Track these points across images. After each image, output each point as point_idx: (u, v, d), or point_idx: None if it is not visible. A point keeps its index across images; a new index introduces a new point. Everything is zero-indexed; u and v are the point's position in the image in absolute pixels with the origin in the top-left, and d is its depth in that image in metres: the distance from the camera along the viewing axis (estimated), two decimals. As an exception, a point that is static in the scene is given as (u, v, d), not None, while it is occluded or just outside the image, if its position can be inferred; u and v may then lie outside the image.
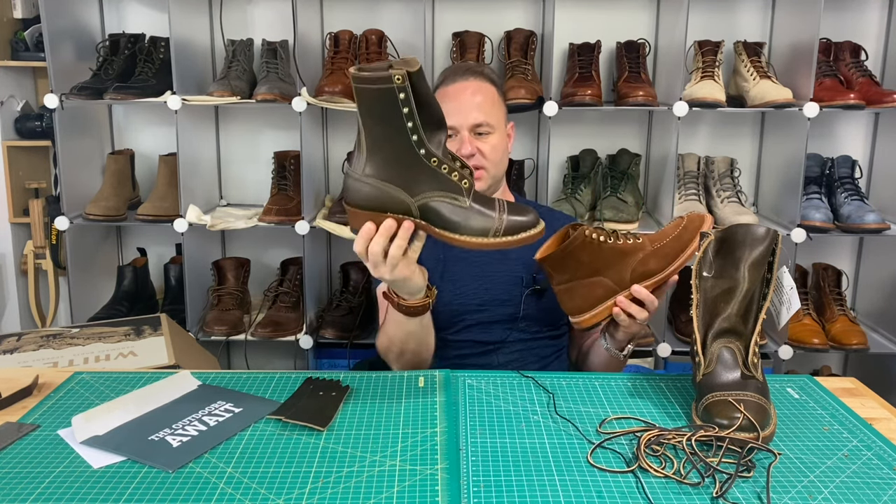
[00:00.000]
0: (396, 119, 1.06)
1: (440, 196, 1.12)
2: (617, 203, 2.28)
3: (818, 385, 1.29)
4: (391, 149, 1.10)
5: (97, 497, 0.93)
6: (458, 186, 1.11)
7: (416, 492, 0.94)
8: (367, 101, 1.07)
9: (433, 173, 1.10)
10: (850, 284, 2.58)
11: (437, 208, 1.12)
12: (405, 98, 1.04)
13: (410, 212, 1.13)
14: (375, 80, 1.04)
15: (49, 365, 1.64)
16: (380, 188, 1.12)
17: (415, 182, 1.11)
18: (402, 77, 1.03)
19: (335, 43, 2.33)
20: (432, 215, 1.13)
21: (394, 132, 1.08)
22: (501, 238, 1.12)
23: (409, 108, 1.05)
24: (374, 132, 1.10)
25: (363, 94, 1.06)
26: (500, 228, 1.12)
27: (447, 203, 1.12)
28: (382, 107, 1.06)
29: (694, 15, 2.29)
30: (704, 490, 0.95)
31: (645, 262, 1.29)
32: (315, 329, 2.38)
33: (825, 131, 2.50)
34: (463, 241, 1.12)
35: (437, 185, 1.11)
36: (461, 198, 1.12)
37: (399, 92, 1.03)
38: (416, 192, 1.12)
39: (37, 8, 2.33)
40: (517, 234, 1.12)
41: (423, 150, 1.09)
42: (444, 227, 1.13)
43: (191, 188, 2.34)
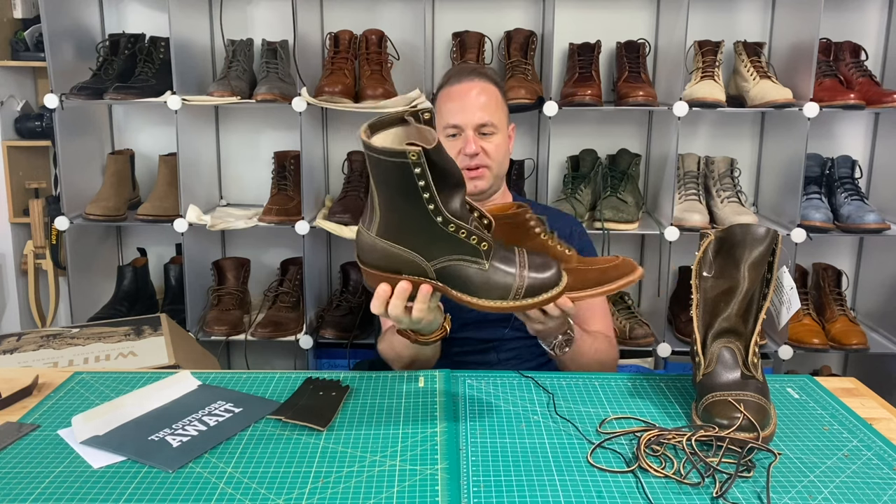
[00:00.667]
0: (412, 190, 1.02)
1: (459, 260, 1.08)
2: (617, 203, 2.28)
3: (818, 385, 1.29)
4: (406, 215, 1.06)
5: (97, 497, 0.93)
6: (477, 250, 1.07)
7: (416, 492, 0.94)
8: (380, 170, 1.04)
9: (450, 238, 1.07)
10: (850, 284, 2.58)
11: (456, 272, 1.08)
12: (421, 172, 1.01)
13: (427, 274, 1.10)
14: (389, 153, 1.00)
15: (49, 365, 1.64)
16: (394, 251, 1.09)
17: (431, 247, 1.08)
18: (418, 154, 0.99)
19: (335, 43, 2.33)
20: (451, 279, 1.09)
21: (409, 200, 1.04)
22: (521, 301, 1.08)
23: (426, 182, 1.01)
24: (388, 197, 1.07)
25: (376, 162, 1.03)
26: (521, 288, 1.08)
27: (466, 267, 1.08)
28: (396, 177, 1.02)
29: (694, 15, 2.29)
30: (704, 490, 0.95)
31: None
32: (315, 329, 2.38)
33: (825, 131, 2.50)
34: (482, 306, 1.09)
35: (455, 249, 1.07)
36: (480, 260, 1.08)
37: (415, 167, 1.00)
38: (433, 256, 1.09)
39: (37, 8, 2.33)
40: (538, 296, 1.08)
41: (440, 218, 1.05)
42: (463, 290, 1.09)
43: (191, 188, 2.34)
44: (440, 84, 1.68)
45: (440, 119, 1.62)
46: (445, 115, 1.60)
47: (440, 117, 1.62)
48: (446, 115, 1.60)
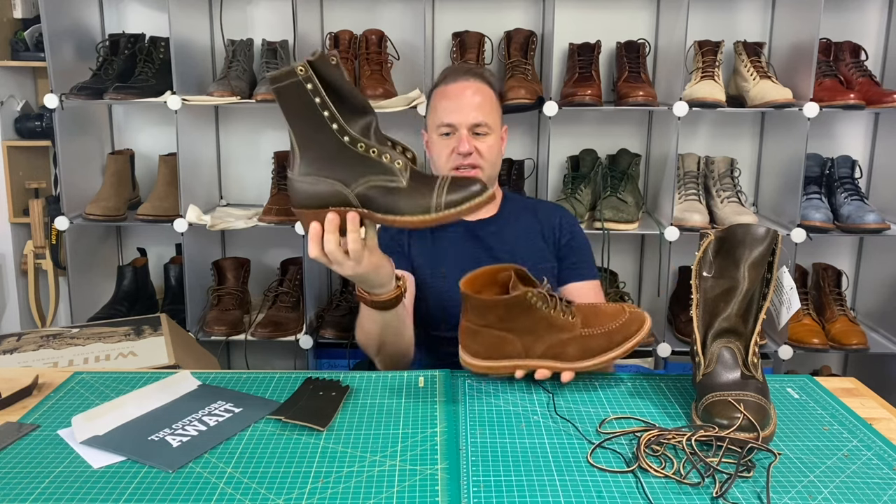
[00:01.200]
0: (313, 112, 1.06)
1: (375, 180, 1.09)
2: (617, 203, 2.28)
3: (818, 385, 1.29)
4: (318, 143, 1.09)
5: (97, 497, 0.93)
6: (391, 168, 1.09)
7: (416, 492, 0.94)
8: (283, 100, 1.08)
9: (363, 159, 1.09)
10: (850, 284, 2.58)
11: (375, 194, 1.10)
12: (313, 88, 1.04)
13: (350, 202, 1.11)
14: (282, 76, 1.05)
15: (49, 365, 1.64)
16: (316, 184, 1.11)
17: (348, 171, 1.10)
18: (305, 67, 1.03)
19: (335, 43, 2.33)
20: (371, 201, 1.10)
21: (316, 126, 1.07)
22: (444, 211, 1.07)
23: (321, 98, 1.05)
24: (300, 130, 1.10)
25: (279, 94, 1.07)
26: (440, 202, 1.07)
27: (383, 186, 1.09)
28: (297, 102, 1.06)
29: (694, 15, 2.29)
30: (704, 490, 0.95)
31: (565, 344, 1.20)
32: (315, 329, 2.38)
33: (825, 131, 2.50)
34: (406, 222, 1.09)
35: (370, 169, 1.09)
36: (396, 178, 1.09)
37: (306, 83, 1.04)
38: (351, 181, 1.10)
39: (37, 8, 2.33)
40: (461, 205, 1.07)
41: (346, 138, 1.08)
42: (385, 210, 1.10)
43: (191, 188, 2.34)
44: (435, 82, 1.68)
45: (434, 117, 1.62)
46: (440, 113, 1.60)
47: (434, 115, 1.62)
48: (441, 113, 1.60)
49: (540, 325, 1.18)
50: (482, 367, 1.21)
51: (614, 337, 1.21)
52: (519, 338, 1.19)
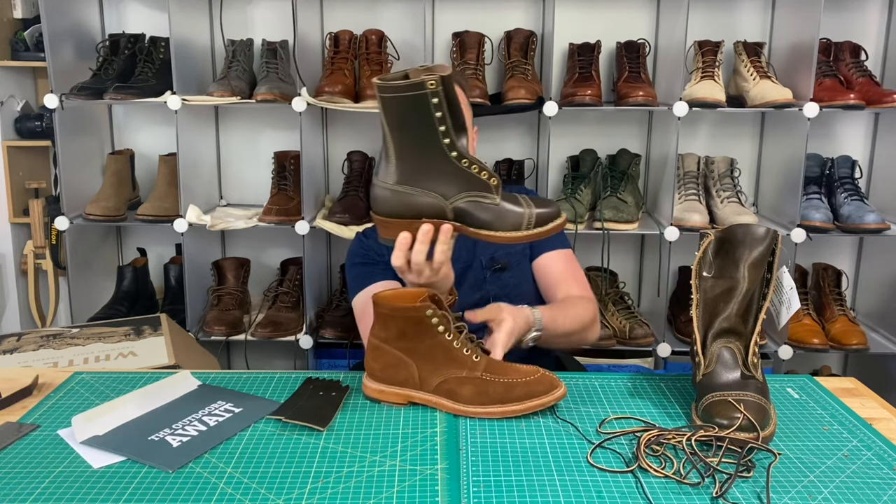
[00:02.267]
0: (428, 124, 1.08)
1: (473, 196, 1.13)
2: (617, 203, 2.28)
3: (818, 385, 1.29)
4: (421, 154, 1.11)
5: (97, 497, 0.93)
6: (489, 185, 1.13)
7: (416, 492, 0.94)
8: (395, 110, 1.08)
9: (464, 174, 1.12)
10: (850, 284, 2.58)
11: (471, 209, 1.14)
12: (438, 102, 1.06)
13: (445, 215, 1.15)
14: (407, 87, 1.05)
15: (49, 365, 1.64)
16: (412, 195, 1.13)
17: (447, 185, 1.13)
18: (437, 82, 1.05)
19: (335, 43, 2.33)
20: (467, 216, 1.14)
21: (424, 137, 1.09)
22: (533, 230, 1.14)
23: (443, 112, 1.07)
24: (403, 139, 1.11)
25: (392, 102, 1.07)
26: (531, 221, 1.14)
27: (479, 202, 1.13)
28: (413, 113, 1.07)
29: (694, 15, 2.29)
30: (704, 490, 0.95)
31: (461, 382, 1.14)
32: (315, 329, 2.38)
33: (825, 131, 2.50)
34: (499, 237, 1.14)
35: (469, 185, 1.13)
36: (492, 195, 1.13)
37: (433, 97, 1.05)
38: (450, 194, 1.13)
39: (37, 8, 2.33)
40: (546, 225, 1.14)
41: (454, 153, 1.10)
42: (480, 226, 1.14)
43: (191, 188, 2.34)
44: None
45: None
46: None
47: None
48: None
49: (439, 353, 1.14)
50: (374, 392, 1.19)
51: (515, 390, 1.13)
52: (416, 364, 1.15)
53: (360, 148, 2.47)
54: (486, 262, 1.59)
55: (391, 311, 1.15)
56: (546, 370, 1.17)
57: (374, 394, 1.19)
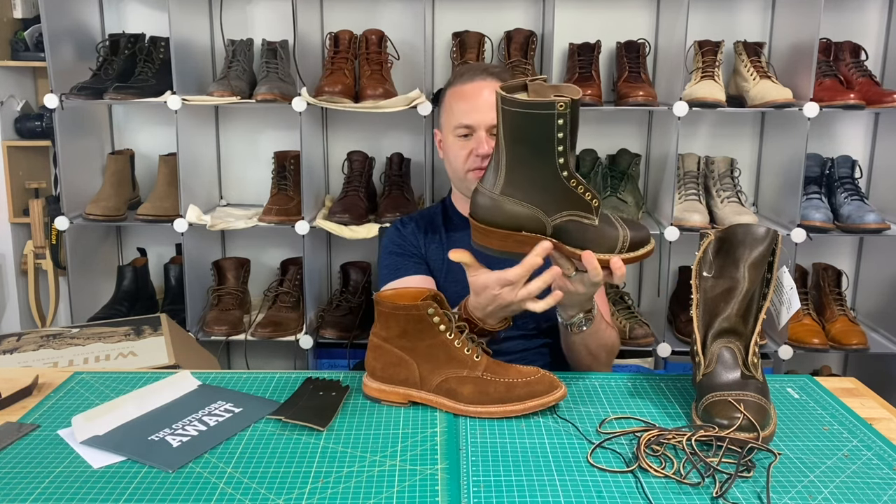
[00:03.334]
0: (547, 142, 1.09)
1: (574, 215, 1.15)
2: (617, 203, 2.28)
3: (818, 385, 1.29)
4: (533, 168, 1.12)
5: (97, 497, 0.93)
6: (590, 206, 1.15)
7: (416, 492, 0.94)
8: (517, 123, 1.09)
9: (570, 194, 1.14)
10: (850, 284, 2.58)
11: (571, 228, 1.16)
12: (563, 124, 1.07)
13: (545, 231, 1.16)
14: (537, 105, 1.07)
15: (49, 365, 1.64)
16: (518, 207, 1.15)
17: (552, 202, 1.14)
18: (566, 105, 1.06)
19: (335, 43, 2.33)
20: (566, 234, 1.16)
21: (541, 154, 1.11)
22: (627, 254, 1.17)
23: (565, 133, 1.08)
24: (518, 151, 1.12)
25: (515, 116, 1.09)
26: (625, 244, 1.16)
27: (580, 222, 1.15)
28: (536, 130, 1.09)
29: (694, 15, 2.29)
30: (704, 490, 0.95)
31: (461, 382, 1.14)
32: (315, 329, 2.38)
33: (825, 131, 2.50)
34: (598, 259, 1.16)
35: (572, 204, 1.15)
36: (591, 216, 1.15)
37: (559, 118, 1.07)
38: (553, 211, 1.15)
39: (37, 8, 2.33)
40: (638, 250, 1.18)
41: (565, 172, 1.12)
42: (576, 245, 1.16)
43: (191, 188, 2.34)
44: (449, 82, 1.65)
45: (450, 118, 1.59)
46: (457, 114, 1.57)
47: (450, 116, 1.59)
48: (458, 114, 1.57)
49: (439, 353, 1.14)
50: (374, 391, 1.19)
51: (515, 390, 1.13)
52: (417, 363, 1.15)
53: (360, 148, 2.47)
54: None
55: (392, 309, 1.15)
56: (546, 370, 1.17)
57: (374, 393, 1.19)
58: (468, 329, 1.19)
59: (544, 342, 1.57)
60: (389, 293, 1.19)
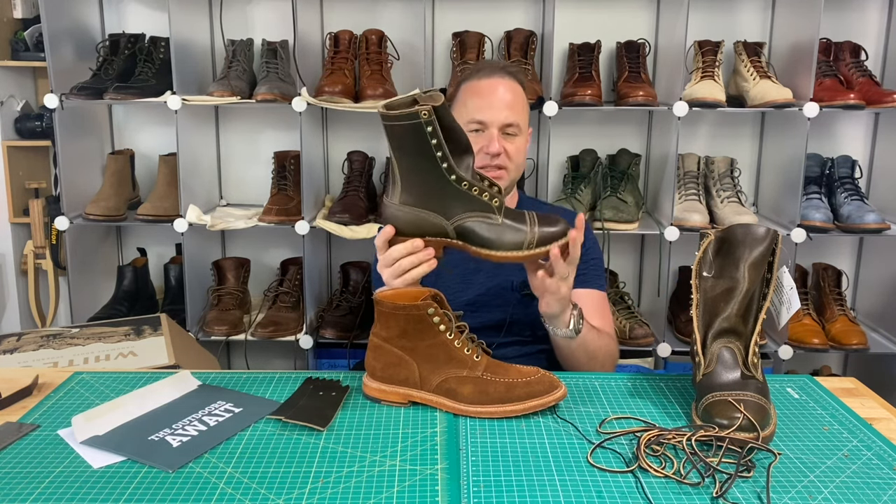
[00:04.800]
0: (426, 150, 1.13)
1: (474, 216, 1.18)
2: (617, 203, 2.28)
3: (818, 385, 1.29)
4: (423, 177, 1.17)
5: (97, 497, 0.93)
6: (489, 206, 1.18)
7: (416, 492, 0.94)
8: (396, 136, 1.14)
9: (465, 196, 1.17)
10: (850, 284, 2.58)
11: (473, 228, 1.19)
12: (432, 131, 1.11)
13: (447, 233, 1.20)
14: (403, 116, 1.11)
15: (49, 365, 1.64)
16: (417, 214, 1.20)
17: (449, 206, 1.18)
18: (429, 112, 1.10)
19: (335, 43, 2.33)
20: (468, 235, 1.19)
21: (424, 162, 1.15)
22: (535, 250, 1.18)
23: (437, 140, 1.12)
24: (406, 163, 1.17)
25: (392, 129, 1.13)
26: (532, 240, 1.18)
27: (481, 222, 1.18)
28: (411, 140, 1.13)
29: (694, 15, 2.29)
30: (704, 490, 0.95)
31: (461, 382, 1.14)
32: (315, 329, 2.38)
33: (825, 131, 2.50)
34: (500, 257, 1.19)
35: (470, 206, 1.18)
36: (493, 216, 1.18)
37: (426, 126, 1.11)
38: (451, 214, 1.19)
39: (37, 8, 2.33)
40: (547, 245, 1.19)
41: (453, 176, 1.16)
42: (480, 244, 1.19)
43: (191, 188, 2.34)
44: (464, 77, 1.63)
45: (464, 113, 1.57)
46: (471, 110, 1.56)
47: (464, 111, 1.57)
48: (472, 110, 1.55)
49: (439, 353, 1.14)
50: (374, 391, 1.19)
51: (515, 390, 1.13)
52: (417, 363, 1.15)
53: (360, 148, 2.47)
54: (518, 286, 1.54)
55: (392, 309, 1.15)
56: (549, 374, 1.17)
57: (374, 393, 1.19)
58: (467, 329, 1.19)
59: (541, 348, 1.56)
60: (389, 293, 1.19)
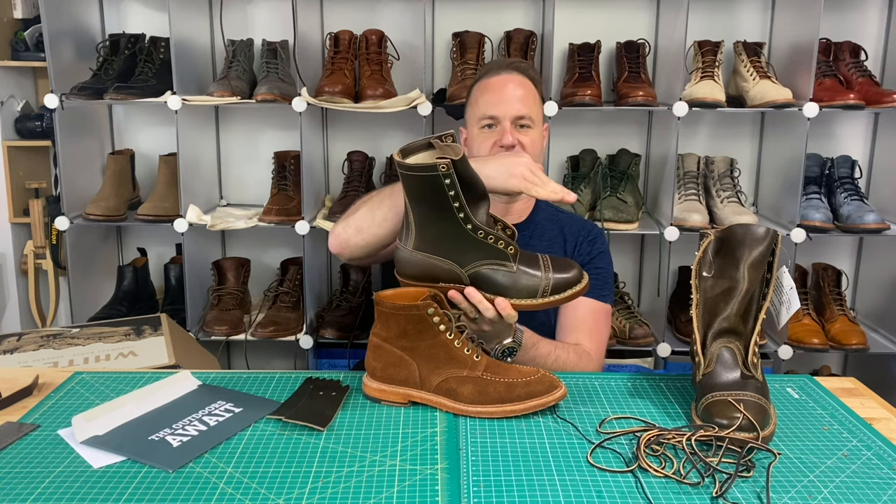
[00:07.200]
0: (443, 201, 1.14)
1: (488, 264, 1.19)
2: (617, 203, 2.28)
3: (818, 385, 1.29)
4: (439, 226, 1.17)
5: (97, 497, 0.93)
6: (505, 254, 1.19)
7: (416, 492, 0.94)
8: (413, 186, 1.15)
9: (480, 245, 1.18)
10: (850, 284, 2.58)
11: (488, 275, 1.19)
12: (451, 183, 1.12)
13: (462, 280, 1.20)
14: (421, 168, 1.12)
15: (49, 365, 1.64)
16: (431, 262, 1.20)
17: (464, 253, 1.19)
18: (448, 166, 1.10)
19: (335, 43, 2.33)
20: (483, 282, 1.20)
21: (441, 211, 1.15)
22: (549, 298, 1.19)
23: (455, 192, 1.13)
24: (422, 211, 1.18)
25: (409, 179, 1.14)
26: (547, 288, 1.18)
27: (495, 270, 1.19)
28: (429, 191, 1.13)
29: (694, 15, 2.29)
30: (704, 490, 0.95)
31: (462, 382, 1.14)
32: (315, 329, 2.38)
33: (825, 131, 2.50)
34: (514, 305, 1.19)
35: (485, 254, 1.18)
36: (508, 263, 1.19)
37: (445, 178, 1.11)
38: (466, 262, 1.19)
39: (37, 8, 2.33)
40: (563, 293, 1.19)
41: (469, 226, 1.16)
42: (494, 292, 1.20)
43: (191, 188, 2.34)
44: (477, 77, 1.65)
45: (476, 111, 1.58)
46: (482, 106, 1.57)
47: (476, 108, 1.58)
48: (483, 106, 1.57)
49: (440, 353, 1.14)
50: (374, 391, 1.19)
51: (515, 390, 1.13)
52: (417, 363, 1.16)
53: (360, 148, 2.47)
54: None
55: (392, 309, 1.15)
56: (549, 374, 1.17)
57: (374, 393, 1.19)
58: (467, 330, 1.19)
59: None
60: (389, 292, 1.20)
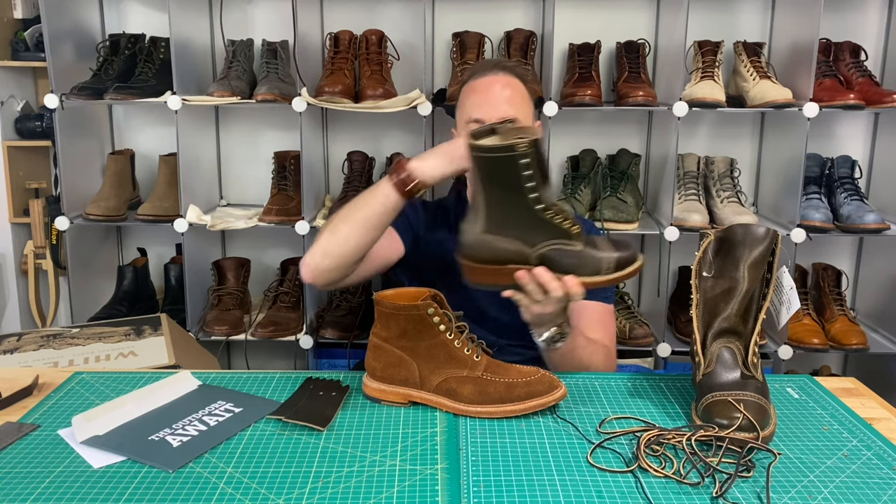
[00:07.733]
0: (517, 181, 1.16)
1: (556, 244, 1.21)
2: (617, 203, 2.28)
3: (818, 385, 1.29)
4: (510, 207, 1.19)
5: (97, 497, 0.93)
6: (570, 233, 1.21)
7: (416, 492, 0.94)
8: (487, 167, 1.18)
9: (549, 225, 1.20)
10: (850, 284, 2.58)
11: (555, 255, 1.21)
12: (528, 163, 1.14)
13: (529, 261, 1.22)
14: (500, 149, 1.15)
15: (49, 365, 1.64)
16: (500, 244, 1.22)
17: (532, 234, 1.21)
18: (529, 144, 1.13)
19: (335, 43, 2.33)
20: (551, 262, 1.21)
21: (514, 192, 1.17)
22: (613, 274, 1.21)
23: (533, 171, 1.15)
24: (494, 192, 1.20)
25: (484, 161, 1.17)
26: (611, 266, 1.20)
27: (563, 249, 1.21)
28: (503, 171, 1.16)
29: (694, 15, 2.29)
30: (704, 490, 0.95)
31: (462, 382, 1.15)
32: (315, 329, 2.38)
33: (825, 131, 2.50)
34: (582, 283, 1.21)
35: (553, 234, 1.21)
36: (574, 243, 1.21)
37: (522, 158, 1.14)
38: (535, 243, 1.21)
39: (37, 8, 2.33)
40: (625, 269, 1.21)
41: (540, 206, 1.18)
42: (563, 271, 1.21)
43: (191, 188, 2.34)
44: (464, 80, 1.64)
45: (462, 113, 1.58)
46: (469, 108, 1.56)
47: (463, 111, 1.58)
48: (469, 108, 1.56)
49: (440, 353, 1.15)
50: (374, 391, 1.19)
51: (515, 390, 1.13)
52: (417, 363, 1.16)
53: (360, 148, 2.47)
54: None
55: (392, 309, 1.15)
56: (549, 374, 1.17)
57: (374, 393, 1.19)
58: (467, 329, 1.19)
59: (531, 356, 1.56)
60: (389, 292, 1.20)
